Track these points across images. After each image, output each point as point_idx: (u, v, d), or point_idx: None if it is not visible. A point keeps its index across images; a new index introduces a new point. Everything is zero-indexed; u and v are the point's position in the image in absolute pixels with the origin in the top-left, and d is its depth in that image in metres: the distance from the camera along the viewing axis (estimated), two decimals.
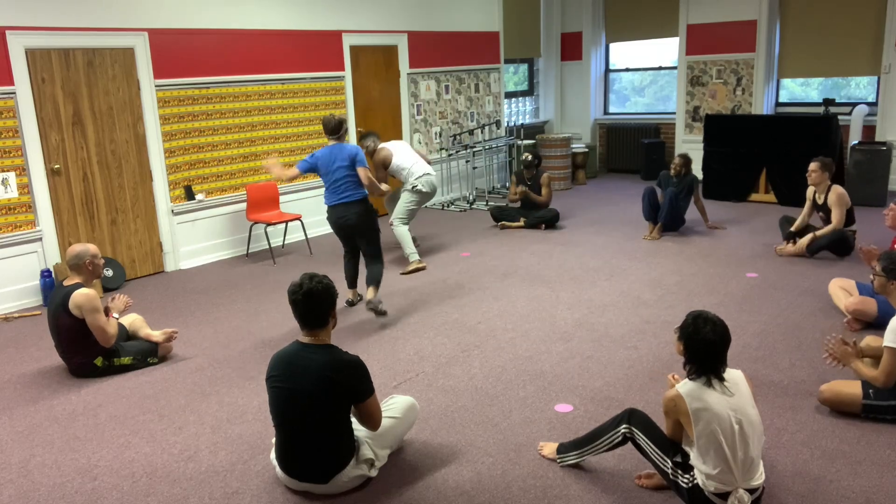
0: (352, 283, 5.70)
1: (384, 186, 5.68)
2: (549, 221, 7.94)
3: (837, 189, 6.29)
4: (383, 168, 6.75)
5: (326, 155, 5.26)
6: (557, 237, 7.56)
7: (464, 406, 3.90)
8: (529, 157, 7.98)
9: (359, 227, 5.30)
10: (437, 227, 8.26)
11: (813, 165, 6.36)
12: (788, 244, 6.51)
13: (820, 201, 6.40)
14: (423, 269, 6.50)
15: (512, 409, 3.83)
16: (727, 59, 10.19)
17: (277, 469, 3.18)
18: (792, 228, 6.56)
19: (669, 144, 10.87)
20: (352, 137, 8.44)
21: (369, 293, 5.25)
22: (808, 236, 6.37)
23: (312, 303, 3.01)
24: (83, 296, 4.26)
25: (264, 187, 7.40)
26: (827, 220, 6.36)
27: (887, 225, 5.34)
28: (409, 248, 6.61)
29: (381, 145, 6.85)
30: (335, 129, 5.28)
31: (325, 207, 5.38)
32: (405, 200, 6.76)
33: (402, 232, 6.68)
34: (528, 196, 7.97)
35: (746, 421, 2.76)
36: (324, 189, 5.36)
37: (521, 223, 8.00)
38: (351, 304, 5.69)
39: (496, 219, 8.16)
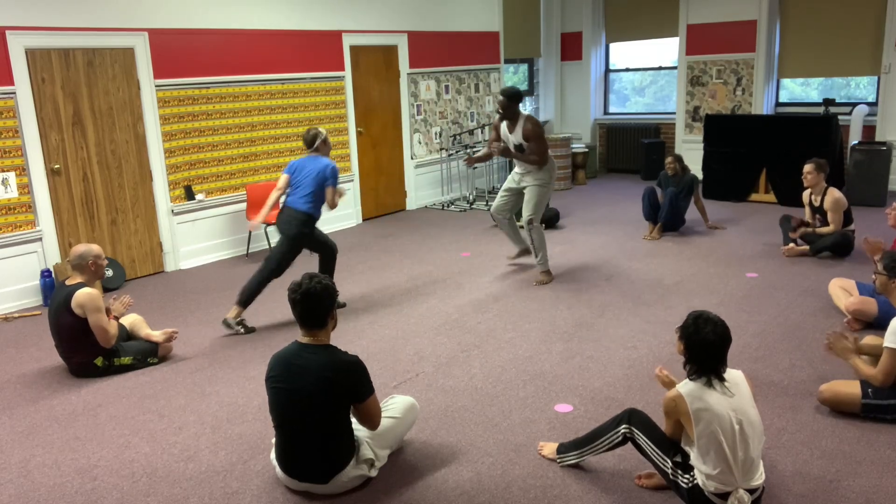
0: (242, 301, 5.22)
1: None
2: (549, 221, 7.94)
3: (834, 193, 6.28)
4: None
5: (299, 164, 5.37)
6: (557, 237, 7.56)
7: (464, 406, 3.90)
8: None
9: (285, 230, 5.26)
10: (437, 227, 8.26)
11: (808, 167, 6.35)
12: (793, 245, 6.51)
13: (816, 203, 6.40)
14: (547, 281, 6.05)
15: (512, 409, 3.83)
16: (727, 59, 10.18)
17: (277, 469, 3.18)
18: (794, 235, 6.54)
19: (669, 144, 10.87)
20: (352, 136, 8.45)
21: (232, 310, 5.16)
22: (802, 231, 6.46)
23: (311, 303, 3.01)
24: (86, 295, 4.26)
25: (264, 187, 7.39)
26: (825, 223, 6.37)
27: (890, 224, 5.35)
28: (545, 255, 6.08)
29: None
30: (309, 142, 5.38)
31: None
32: (539, 194, 5.97)
33: (542, 234, 6.08)
34: None
35: (747, 421, 2.76)
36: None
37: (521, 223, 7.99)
38: (229, 325, 5.15)
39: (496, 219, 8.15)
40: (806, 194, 6.52)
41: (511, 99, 5.82)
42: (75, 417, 3.95)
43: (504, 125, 6.00)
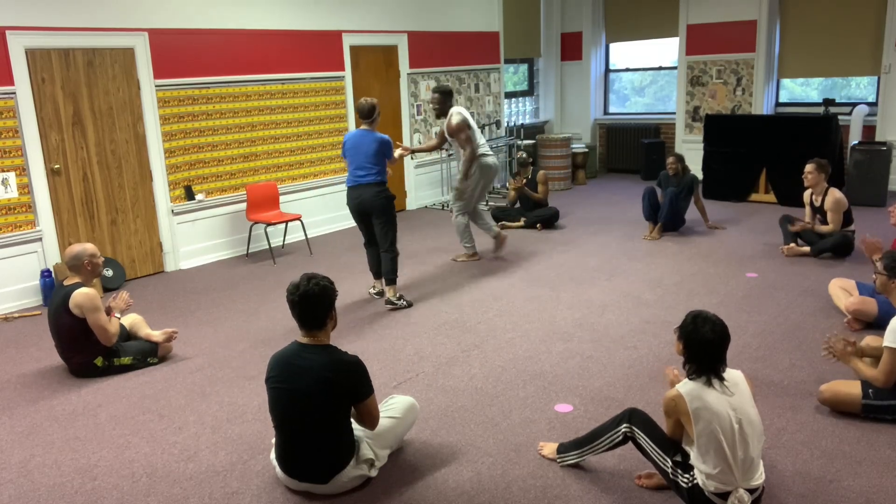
0: (377, 274, 5.79)
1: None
2: (548, 221, 7.94)
3: (835, 193, 6.28)
4: (455, 135, 6.31)
5: (355, 138, 5.55)
6: (557, 237, 7.56)
7: (464, 406, 3.90)
8: (524, 156, 8.04)
9: (374, 207, 5.46)
10: (437, 228, 8.26)
11: (809, 167, 6.36)
12: (793, 244, 6.51)
13: (817, 203, 6.40)
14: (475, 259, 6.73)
15: (512, 409, 3.83)
16: (727, 59, 10.18)
17: (277, 469, 3.18)
18: (794, 229, 6.55)
19: (669, 144, 10.86)
20: (351, 125, 8.43)
21: (387, 291, 5.60)
22: (801, 226, 6.48)
23: (309, 304, 3.01)
24: (83, 295, 4.26)
25: (264, 187, 7.40)
26: (825, 223, 6.37)
27: (892, 223, 5.36)
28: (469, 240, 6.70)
29: (458, 111, 6.39)
30: (367, 113, 5.54)
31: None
32: (458, 188, 6.56)
33: (460, 223, 6.66)
34: (525, 193, 7.99)
35: (746, 420, 2.76)
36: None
37: (521, 223, 8.00)
38: (380, 294, 5.77)
39: (497, 219, 8.16)
40: (807, 194, 6.52)
41: (444, 94, 6.33)
42: (75, 417, 3.95)
43: (442, 122, 6.48)
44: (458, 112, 6.33)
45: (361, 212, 5.55)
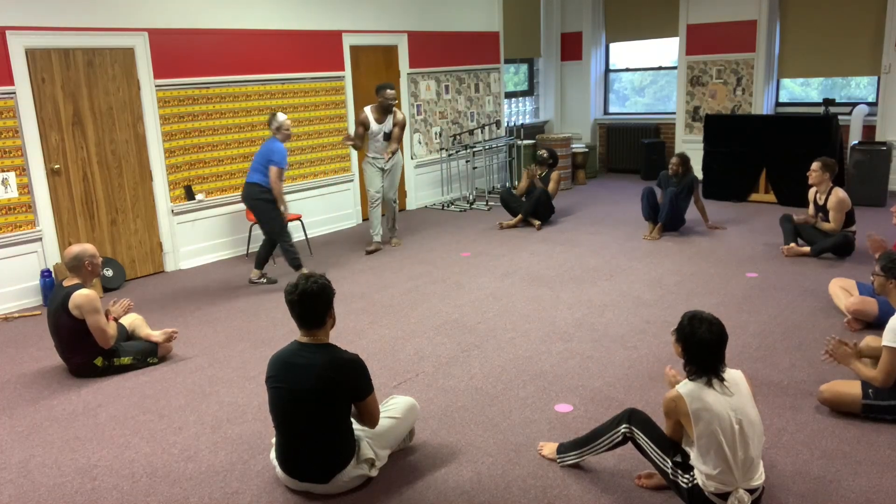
0: (258, 264, 6.33)
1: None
2: (539, 206, 7.92)
3: (839, 193, 6.28)
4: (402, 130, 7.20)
5: (263, 145, 6.29)
6: (557, 237, 7.56)
7: (464, 406, 3.90)
8: (545, 154, 8.07)
9: (249, 204, 6.24)
10: (437, 227, 8.26)
11: (815, 165, 6.36)
12: (793, 244, 6.50)
13: (821, 202, 6.40)
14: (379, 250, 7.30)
15: (512, 409, 3.83)
16: (727, 59, 10.18)
17: (277, 469, 3.18)
18: (798, 220, 6.52)
19: (669, 144, 10.86)
20: (351, 125, 8.44)
21: (253, 273, 6.34)
22: (805, 219, 6.46)
23: (308, 303, 3.01)
24: (83, 297, 4.26)
25: None
26: (827, 221, 6.36)
27: (894, 223, 5.35)
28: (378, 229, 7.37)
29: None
30: (268, 123, 6.28)
31: None
32: (399, 174, 7.42)
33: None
34: (535, 183, 8.04)
35: (746, 421, 2.76)
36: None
37: (517, 220, 8.01)
38: (252, 282, 6.35)
39: (504, 202, 8.22)
40: (811, 192, 6.52)
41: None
42: (75, 417, 3.95)
43: (373, 117, 7.05)
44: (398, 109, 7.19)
45: (247, 206, 6.32)
